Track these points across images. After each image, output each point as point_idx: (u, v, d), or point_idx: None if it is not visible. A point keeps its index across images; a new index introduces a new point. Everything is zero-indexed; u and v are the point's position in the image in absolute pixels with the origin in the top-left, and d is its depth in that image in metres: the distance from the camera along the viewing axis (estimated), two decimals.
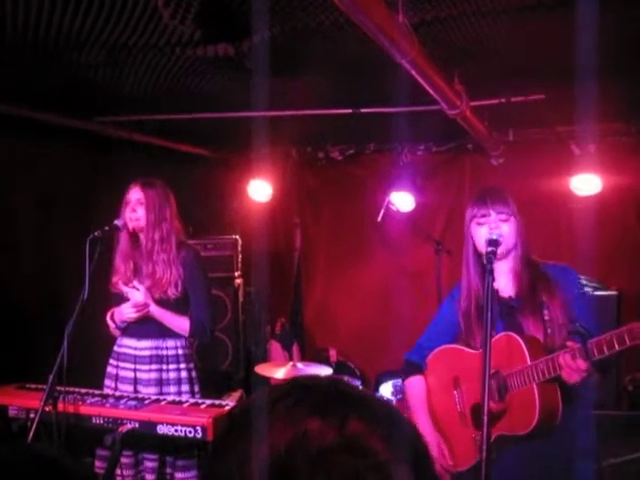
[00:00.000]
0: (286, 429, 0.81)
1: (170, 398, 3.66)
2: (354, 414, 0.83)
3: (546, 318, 2.96)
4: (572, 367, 2.74)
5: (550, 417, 2.85)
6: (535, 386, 2.83)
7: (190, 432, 3.15)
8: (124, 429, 3.17)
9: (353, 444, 0.80)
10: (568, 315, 2.97)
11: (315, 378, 0.92)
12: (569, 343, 2.77)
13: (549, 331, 2.95)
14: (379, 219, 5.75)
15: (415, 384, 3.24)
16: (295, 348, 6.67)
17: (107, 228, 3.74)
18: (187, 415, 3.24)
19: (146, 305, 3.83)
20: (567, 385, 2.85)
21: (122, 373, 3.92)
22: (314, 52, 3.75)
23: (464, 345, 3.14)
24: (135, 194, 3.90)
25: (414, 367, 3.26)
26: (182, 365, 3.95)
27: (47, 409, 3.25)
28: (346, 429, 0.81)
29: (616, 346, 2.69)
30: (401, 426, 0.87)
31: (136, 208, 3.88)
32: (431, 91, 3.44)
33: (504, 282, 2.97)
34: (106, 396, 3.64)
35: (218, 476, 0.85)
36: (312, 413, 0.82)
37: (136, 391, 3.83)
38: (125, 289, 3.86)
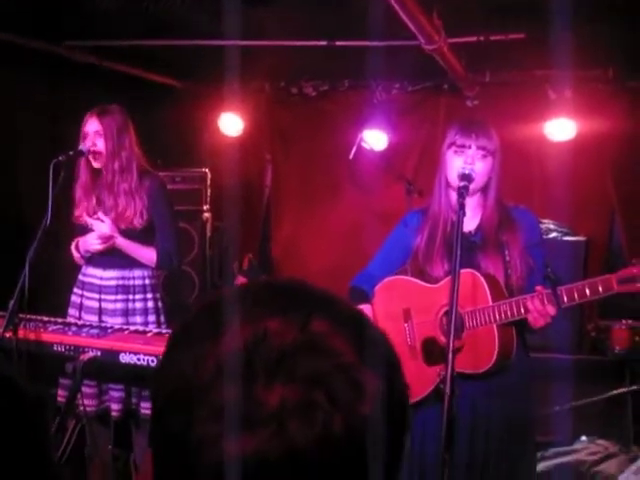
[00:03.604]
0: (245, 328, 0.76)
1: (134, 328, 3.62)
2: (317, 313, 0.78)
3: (507, 259, 2.94)
4: (541, 312, 2.74)
5: (505, 358, 2.87)
6: (495, 326, 2.83)
7: (153, 361, 3.11)
8: (85, 357, 3.12)
9: (316, 344, 0.75)
10: (526, 259, 2.96)
11: (279, 278, 0.87)
12: (538, 288, 2.77)
13: (509, 272, 2.94)
14: (351, 156, 5.70)
15: None
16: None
17: (71, 153, 3.64)
18: (150, 344, 3.19)
19: (112, 237, 3.76)
20: (528, 329, 2.87)
21: (87, 303, 3.87)
22: None
23: (417, 276, 3.10)
24: (92, 125, 3.78)
25: (362, 295, 3.17)
26: (149, 295, 3.91)
27: (7, 335, 3.20)
28: (308, 328, 0.76)
29: (588, 295, 2.70)
30: (368, 330, 0.82)
31: (95, 141, 3.77)
32: (409, 23, 3.36)
33: (468, 216, 2.89)
34: (68, 324, 3.58)
35: (171, 375, 0.79)
36: (273, 312, 0.77)
37: (101, 321, 3.78)
38: (90, 221, 3.79)
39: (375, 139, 5.94)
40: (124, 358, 3.17)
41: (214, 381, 0.74)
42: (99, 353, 3.20)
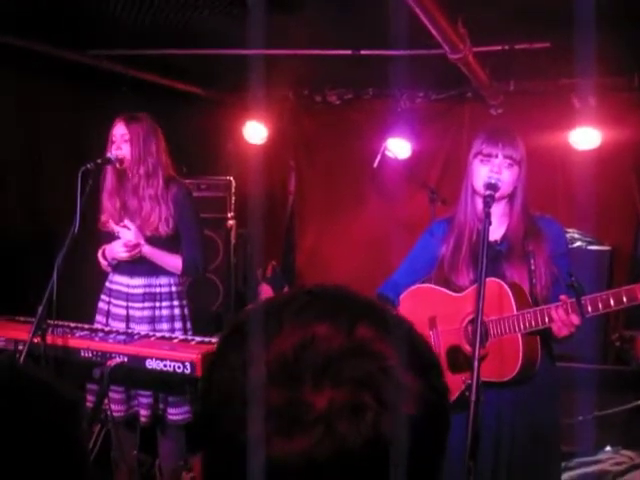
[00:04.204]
0: (293, 333, 0.79)
1: (160, 334, 3.65)
2: (363, 319, 0.81)
3: (532, 268, 2.94)
4: (564, 321, 2.73)
5: (529, 367, 2.86)
6: (519, 335, 2.82)
7: (179, 368, 3.15)
8: (112, 362, 3.16)
9: (362, 348, 0.78)
10: (551, 269, 2.95)
11: (322, 285, 0.89)
12: (562, 297, 2.75)
13: (534, 281, 2.93)
14: (375, 165, 5.71)
15: None
16: (286, 292, 6.66)
17: (99, 161, 3.67)
18: (176, 350, 3.23)
19: (138, 245, 3.78)
20: (553, 338, 2.86)
21: (114, 310, 3.90)
22: None
23: (442, 284, 3.10)
24: (119, 130, 3.82)
25: (387, 303, 3.14)
26: (175, 302, 3.94)
27: (35, 341, 3.23)
28: (355, 334, 0.79)
29: (612, 305, 2.69)
30: (410, 335, 0.85)
31: (121, 145, 3.81)
32: (434, 32, 3.37)
33: (494, 225, 2.88)
34: (95, 330, 3.63)
35: (221, 380, 0.82)
36: (320, 318, 0.80)
37: (128, 328, 3.81)
38: (116, 228, 3.82)
39: (399, 148, 5.95)
40: (150, 364, 3.21)
41: (265, 383, 0.76)
42: (126, 359, 3.24)
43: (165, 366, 3.18)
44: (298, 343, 0.77)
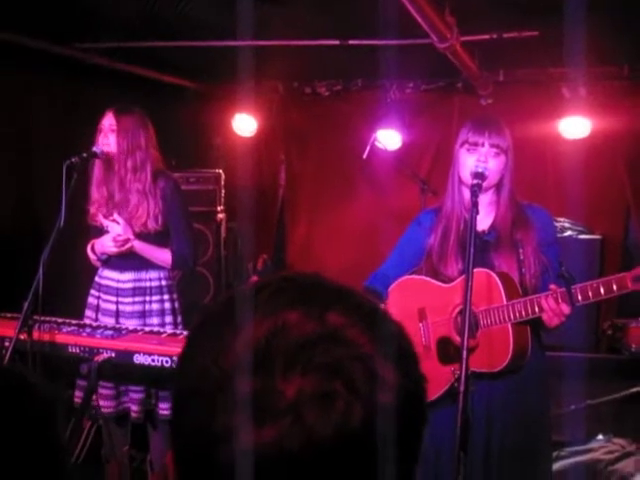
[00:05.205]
0: (264, 320, 0.77)
1: (148, 329, 3.62)
2: (336, 306, 0.79)
3: (521, 258, 2.93)
4: (555, 311, 2.73)
5: (520, 357, 2.86)
6: (510, 325, 2.81)
7: (167, 362, 3.12)
8: (100, 358, 3.13)
9: (334, 335, 0.76)
10: (540, 258, 2.94)
11: (297, 272, 0.88)
12: (552, 286, 2.75)
13: (523, 270, 2.92)
14: (365, 156, 5.69)
15: None
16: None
17: (85, 154, 3.64)
18: (164, 345, 3.21)
19: (127, 240, 3.75)
20: (543, 327, 2.85)
21: (104, 305, 3.87)
22: None
23: (431, 275, 3.09)
24: (108, 120, 3.79)
25: (376, 295, 3.14)
26: (165, 296, 3.91)
27: (22, 337, 3.21)
28: (327, 321, 0.77)
29: (602, 293, 2.69)
30: (385, 322, 0.83)
31: (108, 135, 3.77)
32: (420, 20, 3.35)
33: (481, 215, 2.87)
34: (83, 325, 3.60)
35: (190, 369, 0.81)
36: (292, 305, 0.78)
37: (118, 324, 3.79)
38: (105, 222, 3.79)
39: (389, 139, 5.93)
40: (138, 359, 3.18)
41: (234, 373, 0.75)
42: (113, 354, 3.21)
43: (153, 361, 3.15)
44: (269, 330, 0.76)
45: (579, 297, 2.71)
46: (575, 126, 5.63)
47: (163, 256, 3.86)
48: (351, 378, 0.74)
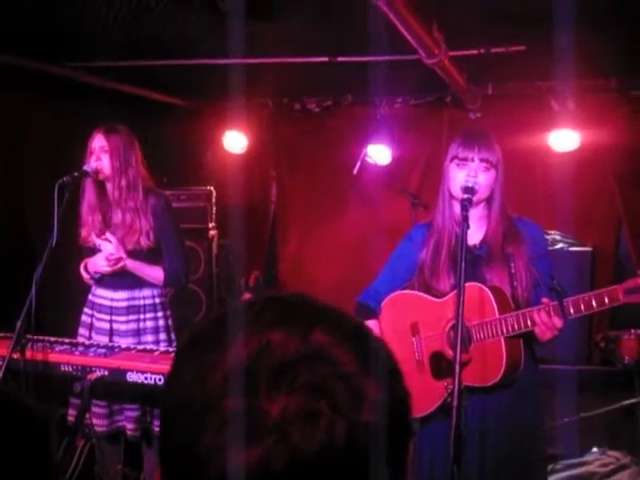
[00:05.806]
0: (248, 340, 0.77)
1: (141, 347, 3.62)
2: (319, 325, 0.80)
3: (512, 271, 2.93)
4: (547, 324, 2.73)
5: (513, 370, 2.86)
6: (502, 339, 2.82)
7: (160, 380, 3.11)
8: (93, 376, 3.13)
9: (317, 354, 0.77)
10: (531, 271, 2.95)
11: (281, 292, 0.89)
12: (544, 300, 2.75)
13: (515, 284, 2.93)
14: (355, 171, 5.71)
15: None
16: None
17: (76, 174, 3.65)
18: (157, 363, 3.20)
19: (120, 259, 3.75)
20: (536, 341, 2.86)
21: (97, 324, 3.87)
22: None
23: (424, 290, 3.09)
24: (98, 141, 3.80)
25: (368, 311, 3.15)
26: (159, 314, 3.92)
27: (15, 356, 3.20)
28: (310, 340, 0.78)
29: (594, 306, 2.69)
30: (369, 340, 0.84)
31: (101, 156, 3.78)
32: (408, 37, 3.37)
33: (472, 229, 2.88)
34: (75, 344, 3.59)
35: (177, 389, 0.81)
36: (276, 324, 0.79)
37: (112, 342, 3.78)
38: (97, 241, 3.79)
39: (379, 154, 5.95)
40: (131, 377, 3.18)
41: (220, 393, 0.75)
42: (106, 372, 3.21)
43: (146, 379, 3.14)
44: (254, 350, 0.76)
45: (571, 310, 2.72)
46: (564, 139, 5.66)
47: (155, 274, 3.86)
48: (335, 396, 0.74)
